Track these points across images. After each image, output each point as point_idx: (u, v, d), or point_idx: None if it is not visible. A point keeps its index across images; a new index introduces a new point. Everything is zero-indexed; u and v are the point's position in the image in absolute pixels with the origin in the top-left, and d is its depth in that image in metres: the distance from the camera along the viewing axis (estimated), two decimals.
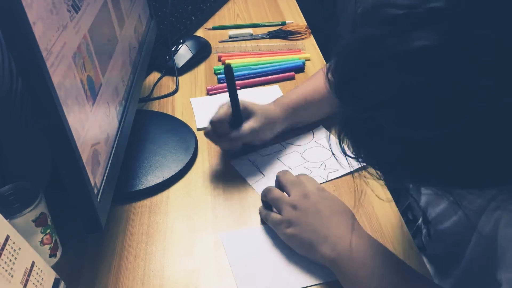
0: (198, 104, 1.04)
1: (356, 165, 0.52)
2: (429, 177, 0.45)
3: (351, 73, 0.44)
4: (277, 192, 0.73)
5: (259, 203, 0.78)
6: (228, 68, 0.82)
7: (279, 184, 0.75)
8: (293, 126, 0.91)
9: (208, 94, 1.07)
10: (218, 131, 0.84)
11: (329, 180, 0.83)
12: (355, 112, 0.45)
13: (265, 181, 0.84)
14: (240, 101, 0.83)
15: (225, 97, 0.83)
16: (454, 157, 0.41)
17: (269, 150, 0.90)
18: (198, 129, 0.96)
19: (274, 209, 0.73)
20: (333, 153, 0.53)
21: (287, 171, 0.77)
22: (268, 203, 0.75)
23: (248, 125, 0.83)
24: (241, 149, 0.88)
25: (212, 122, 0.84)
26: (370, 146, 0.46)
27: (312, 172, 0.85)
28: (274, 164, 0.87)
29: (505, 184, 0.43)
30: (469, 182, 0.43)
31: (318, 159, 0.87)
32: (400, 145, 0.42)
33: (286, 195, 0.73)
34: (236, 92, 0.83)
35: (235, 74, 1.10)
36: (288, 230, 0.69)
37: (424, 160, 0.42)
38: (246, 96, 1.03)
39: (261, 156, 0.89)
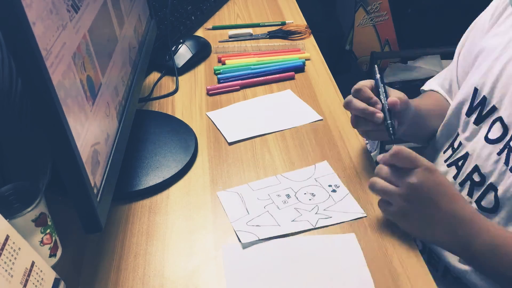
0: (216, 117, 1.00)
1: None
2: None
3: None
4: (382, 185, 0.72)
5: None
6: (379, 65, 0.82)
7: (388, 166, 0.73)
8: (412, 129, 0.90)
9: (208, 94, 1.07)
10: (361, 97, 0.81)
11: (316, 228, 0.75)
12: None
13: (246, 219, 0.77)
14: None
15: (236, 106, 0.79)
16: None
17: (261, 184, 0.83)
18: (231, 143, 0.93)
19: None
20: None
21: (381, 167, 0.73)
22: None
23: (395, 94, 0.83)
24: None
25: (355, 90, 0.82)
26: None
27: (301, 215, 0.77)
28: (263, 201, 0.80)
29: None
30: None
31: (312, 201, 0.79)
32: None
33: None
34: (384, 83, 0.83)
35: (234, 74, 1.11)
36: (409, 226, 0.71)
37: None
38: (258, 102, 1.04)
39: (251, 190, 0.82)
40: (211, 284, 0.68)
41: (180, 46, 1.17)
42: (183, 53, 1.16)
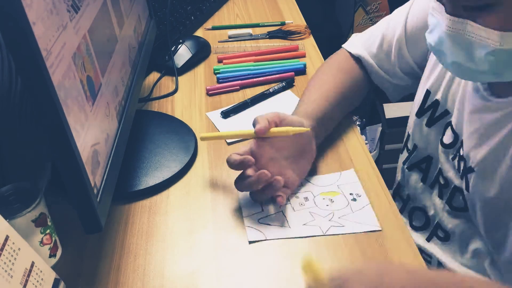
0: (216, 117, 1.00)
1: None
2: None
3: None
4: None
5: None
6: None
7: None
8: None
9: (207, 94, 1.07)
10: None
11: (326, 235, 0.74)
12: None
13: (258, 216, 0.77)
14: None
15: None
16: None
17: None
18: (229, 143, 0.92)
19: None
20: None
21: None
22: None
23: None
24: None
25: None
26: None
27: (314, 219, 0.76)
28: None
29: None
30: None
31: (329, 207, 0.78)
32: None
33: None
34: None
35: (233, 74, 1.11)
36: None
37: None
38: (262, 106, 1.03)
39: None
40: (211, 284, 0.68)
41: (179, 46, 1.17)
42: (183, 53, 1.16)
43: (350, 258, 0.70)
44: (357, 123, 1.67)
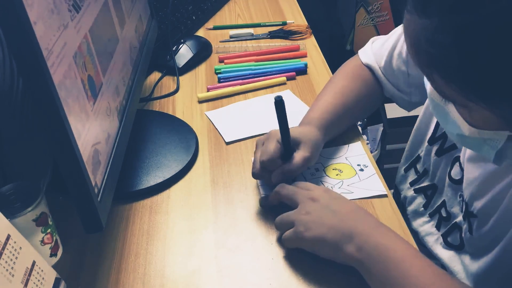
0: (215, 116, 1.00)
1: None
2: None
3: None
4: (292, 187, 0.73)
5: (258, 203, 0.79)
6: (279, 102, 0.74)
7: (280, 199, 0.74)
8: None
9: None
10: (269, 168, 0.77)
11: None
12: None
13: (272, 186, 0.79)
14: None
15: (237, 106, 0.78)
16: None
17: None
18: (228, 143, 0.93)
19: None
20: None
21: (284, 184, 0.75)
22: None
23: (300, 155, 0.77)
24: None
25: (263, 162, 0.77)
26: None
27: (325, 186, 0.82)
28: None
29: None
30: None
31: (339, 177, 0.83)
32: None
33: (300, 192, 0.72)
34: (288, 125, 0.76)
35: (234, 74, 1.11)
36: (307, 233, 0.67)
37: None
38: (257, 103, 1.03)
39: None
40: (212, 284, 0.69)
41: (181, 46, 1.17)
42: (184, 53, 1.16)
43: None
44: (359, 123, 1.67)
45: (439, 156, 0.80)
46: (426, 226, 0.84)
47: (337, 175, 0.84)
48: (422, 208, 0.85)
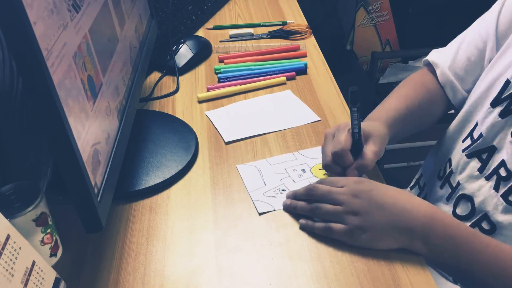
0: (215, 116, 1.00)
1: None
2: None
3: None
4: (326, 188, 0.74)
5: None
6: (354, 93, 0.74)
7: (313, 198, 0.75)
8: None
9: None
10: (340, 160, 0.78)
11: None
12: None
13: (263, 190, 0.82)
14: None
15: (237, 106, 0.79)
16: None
17: (279, 159, 0.88)
18: (227, 143, 0.93)
19: (317, 218, 0.74)
20: None
21: (312, 185, 0.76)
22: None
23: (371, 150, 0.78)
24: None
25: (336, 154, 0.77)
26: None
27: None
28: (279, 175, 0.85)
29: None
30: None
31: (326, 177, 0.83)
32: None
33: (335, 188, 0.73)
34: (359, 118, 0.77)
35: (234, 74, 1.11)
36: (364, 236, 0.70)
37: None
38: (258, 102, 1.04)
39: (269, 165, 0.87)
40: (211, 284, 0.69)
41: (181, 46, 1.17)
42: (184, 53, 1.16)
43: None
44: None
45: (504, 117, 0.80)
46: (483, 190, 0.83)
47: (324, 174, 0.84)
48: (477, 172, 0.84)
